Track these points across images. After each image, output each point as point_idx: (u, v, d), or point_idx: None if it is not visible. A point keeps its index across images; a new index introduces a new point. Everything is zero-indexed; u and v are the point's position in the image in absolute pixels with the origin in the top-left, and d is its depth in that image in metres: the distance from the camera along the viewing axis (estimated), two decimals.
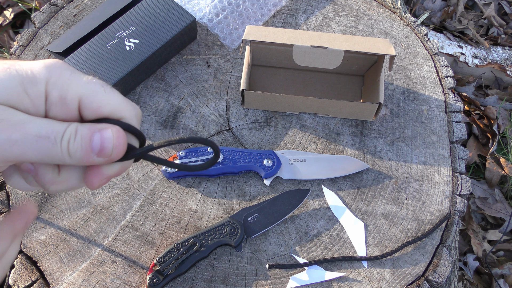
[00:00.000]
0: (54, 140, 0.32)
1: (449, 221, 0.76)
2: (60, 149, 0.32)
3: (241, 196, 0.75)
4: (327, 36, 0.78)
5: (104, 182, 0.36)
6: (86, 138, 0.33)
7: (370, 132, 0.82)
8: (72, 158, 0.33)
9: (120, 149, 0.34)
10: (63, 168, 0.35)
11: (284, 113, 0.83)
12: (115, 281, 0.68)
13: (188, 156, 0.75)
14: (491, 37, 1.66)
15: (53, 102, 0.33)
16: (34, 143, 0.31)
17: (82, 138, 0.33)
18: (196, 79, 0.85)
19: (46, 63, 0.33)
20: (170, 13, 0.83)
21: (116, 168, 0.36)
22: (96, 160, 0.34)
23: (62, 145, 0.32)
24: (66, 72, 0.33)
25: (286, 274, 0.70)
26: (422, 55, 0.91)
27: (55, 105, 0.33)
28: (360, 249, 0.72)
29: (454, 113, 0.85)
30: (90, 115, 0.34)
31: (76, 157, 0.33)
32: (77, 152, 0.33)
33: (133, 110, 0.36)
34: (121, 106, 0.35)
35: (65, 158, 0.33)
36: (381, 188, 0.77)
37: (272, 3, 0.93)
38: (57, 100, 0.33)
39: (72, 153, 0.33)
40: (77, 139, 0.33)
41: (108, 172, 0.35)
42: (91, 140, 0.33)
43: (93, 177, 0.35)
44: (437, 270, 0.71)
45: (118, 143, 0.33)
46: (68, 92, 0.33)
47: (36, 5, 1.51)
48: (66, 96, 0.33)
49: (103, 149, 0.33)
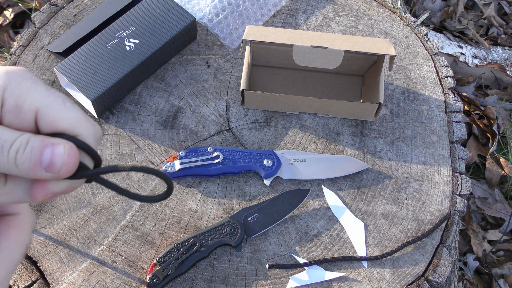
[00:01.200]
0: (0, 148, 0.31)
1: (449, 221, 0.76)
2: (7, 158, 0.32)
3: (241, 196, 0.75)
4: (327, 36, 0.78)
5: (48, 197, 0.34)
6: (36, 150, 0.32)
7: (370, 132, 0.82)
8: (18, 169, 0.32)
9: (69, 167, 0.33)
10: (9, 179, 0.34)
11: (284, 113, 0.83)
12: (115, 281, 0.68)
13: (188, 156, 0.75)
14: (491, 37, 1.66)
15: (8, 110, 0.32)
16: None
17: (32, 150, 0.32)
18: (196, 79, 0.85)
19: (8, 69, 0.32)
20: (170, 13, 0.83)
21: (64, 185, 0.34)
22: (43, 174, 0.33)
23: (9, 154, 0.31)
24: (27, 82, 0.33)
25: (286, 274, 0.70)
26: (422, 55, 0.91)
27: (10, 113, 0.32)
28: (360, 249, 0.72)
29: (454, 113, 0.85)
30: (46, 128, 0.33)
31: (23, 169, 0.32)
32: (24, 163, 0.32)
33: (92, 128, 0.35)
34: (79, 123, 0.34)
35: (11, 168, 0.32)
36: (381, 188, 0.77)
37: (272, 3, 0.93)
38: (12, 108, 0.32)
39: (19, 164, 0.32)
40: (26, 150, 0.32)
41: (54, 188, 0.34)
42: (41, 154, 0.32)
43: (38, 191, 0.34)
44: (437, 270, 0.71)
45: (68, 161, 0.32)
46: (26, 101, 0.32)
47: (36, 5, 1.51)
48: (23, 105, 0.32)
49: (52, 165, 0.32)
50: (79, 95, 0.79)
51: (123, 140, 0.79)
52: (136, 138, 0.79)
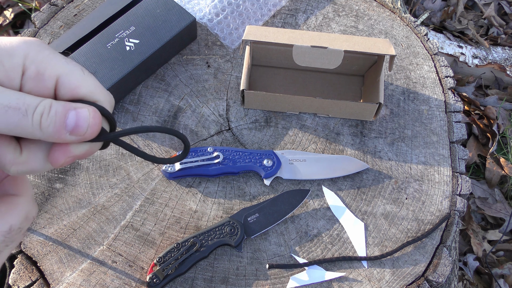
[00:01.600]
0: (25, 111, 0.32)
1: (449, 221, 0.76)
2: (31, 122, 0.32)
3: (241, 196, 0.75)
4: (327, 36, 0.78)
5: (69, 161, 0.35)
6: (60, 114, 0.33)
7: (370, 132, 0.82)
8: (43, 133, 0.33)
9: (95, 129, 0.34)
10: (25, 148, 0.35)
11: (284, 113, 0.83)
12: (115, 281, 0.68)
13: (188, 156, 0.75)
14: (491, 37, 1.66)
15: (30, 77, 0.33)
16: (3, 113, 0.31)
17: (57, 114, 0.33)
18: (196, 79, 0.85)
19: (25, 39, 0.33)
20: (170, 13, 0.83)
21: (84, 148, 0.35)
22: (67, 138, 0.33)
23: (34, 118, 0.32)
24: (45, 50, 0.33)
25: (286, 274, 0.70)
26: (422, 55, 0.91)
27: (31, 80, 0.33)
28: (360, 249, 0.72)
29: (454, 113, 0.85)
30: (66, 95, 0.34)
31: (47, 132, 0.33)
32: (49, 127, 0.33)
33: (108, 96, 0.36)
34: (97, 90, 0.35)
35: (35, 132, 0.33)
36: (381, 188, 0.77)
37: (272, 3, 0.93)
38: (34, 75, 0.33)
39: (44, 127, 0.32)
40: (51, 114, 0.33)
41: (76, 151, 0.35)
42: (66, 117, 0.33)
43: (59, 155, 0.34)
44: (437, 270, 0.71)
45: (93, 123, 0.33)
46: (47, 69, 0.33)
47: (36, 5, 1.51)
48: (44, 73, 0.33)
49: (77, 127, 0.33)
50: None
51: (123, 140, 0.79)
52: (136, 138, 0.79)
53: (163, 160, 0.39)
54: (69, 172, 0.76)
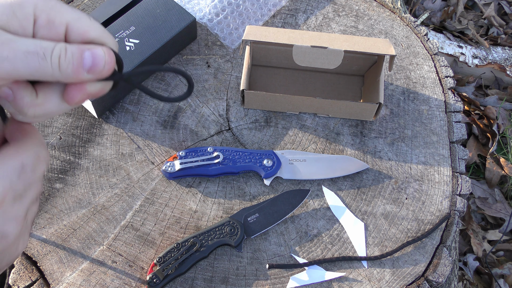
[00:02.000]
0: (43, 55, 0.34)
1: (449, 221, 0.76)
2: (50, 64, 0.34)
3: (241, 196, 0.75)
4: (327, 36, 0.78)
5: (84, 98, 0.37)
6: (77, 54, 0.35)
7: (370, 132, 0.82)
8: (62, 74, 0.35)
9: (111, 65, 0.36)
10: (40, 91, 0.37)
11: (284, 113, 0.83)
12: (115, 281, 0.68)
13: (188, 156, 0.75)
14: (491, 37, 1.66)
15: (41, 25, 0.35)
16: (24, 58, 0.33)
17: (73, 55, 0.35)
18: (196, 79, 0.85)
19: None
20: (170, 13, 0.83)
21: (98, 87, 0.38)
22: (85, 76, 0.36)
23: (52, 60, 0.34)
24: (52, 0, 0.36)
25: (286, 274, 0.70)
26: (422, 55, 0.91)
27: (43, 28, 0.35)
28: (360, 249, 0.72)
29: (454, 113, 0.85)
30: (76, 39, 0.37)
31: (66, 73, 0.35)
32: (68, 67, 0.35)
33: (113, 39, 0.39)
34: (104, 34, 0.38)
35: (55, 74, 0.35)
36: (381, 188, 0.77)
37: (272, 3, 0.93)
38: (45, 23, 0.35)
39: (63, 68, 0.35)
40: (68, 55, 0.35)
41: (91, 89, 0.37)
42: (82, 57, 0.35)
43: (75, 93, 0.37)
44: (437, 270, 0.71)
45: (109, 61, 0.36)
46: (57, 16, 0.36)
47: None
48: (55, 20, 0.36)
49: (95, 65, 0.35)
50: None
51: (123, 140, 0.79)
52: (136, 138, 0.79)
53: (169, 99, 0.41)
54: (69, 172, 0.76)
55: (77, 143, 0.78)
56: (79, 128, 0.79)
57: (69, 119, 0.80)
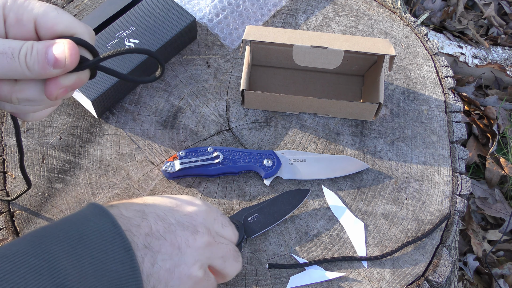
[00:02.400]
0: (11, 55, 0.36)
1: (449, 221, 0.76)
2: (19, 63, 0.36)
3: (241, 196, 0.75)
4: (327, 36, 0.78)
5: (62, 92, 0.39)
6: (41, 51, 0.37)
7: (370, 132, 0.82)
8: (31, 72, 0.37)
9: (73, 58, 0.37)
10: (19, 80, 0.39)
11: (284, 113, 0.83)
12: None
13: (188, 156, 0.75)
14: (491, 37, 1.66)
15: (11, 25, 0.37)
16: None
17: (38, 52, 0.37)
18: (196, 79, 0.85)
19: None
20: (170, 13, 0.83)
21: (72, 78, 0.39)
22: (53, 71, 0.37)
23: (20, 59, 0.36)
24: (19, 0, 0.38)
25: (286, 274, 0.70)
26: (422, 55, 0.91)
27: (13, 27, 0.37)
28: (360, 249, 0.72)
29: (454, 113, 0.85)
30: (46, 34, 0.38)
31: (34, 70, 0.37)
32: (34, 65, 0.37)
33: (85, 28, 0.40)
34: (73, 24, 0.39)
35: (25, 72, 0.37)
36: (381, 188, 0.77)
37: (272, 3, 0.93)
38: (14, 22, 0.37)
39: (30, 66, 0.37)
40: (33, 53, 0.37)
41: (65, 82, 0.39)
42: (46, 54, 0.37)
43: (51, 87, 0.38)
44: (437, 270, 0.71)
45: (70, 53, 0.37)
46: (24, 14, 0.37)
47: None
48: (22, 18, 0.37)
49: (57, 60, 0.37)
50: (79, 95, 0.79)
51: (123, 140, 0.79)
52: (136, 138, 0.79)
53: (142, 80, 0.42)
54: (69, 172, 0.76)
55: (77, 143, 0.78)
56: (79, 128, 0.79)
57: (69, 119, 0.80)
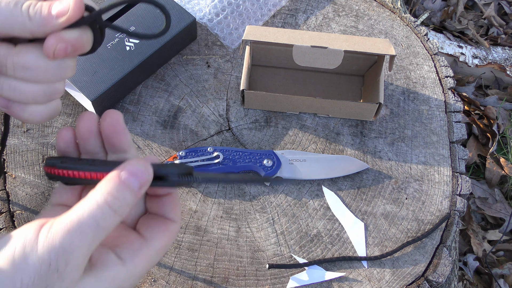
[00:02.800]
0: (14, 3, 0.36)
1: (449, 221, 0.76)
2: (21, 12, 0.36)
3: (241, 196, 0.75)
4: (327, 36, 0.78)
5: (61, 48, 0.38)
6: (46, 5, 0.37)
7: (370, 132, 0.82)
8: (32, 22, 0.37)
9: (76, 6, 0.37)
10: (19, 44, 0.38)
11: (284, 113, 0.83)
12: None
13: (188, 156, 0.75)
14: (491, 37, 1.66)
15: None
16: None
17: (42, 5, 0.37)
18: (196, 79, 0.85)
19: None
20: (170, 13, 0.83)
21: (73, 34, 0.38)
22: (55, 22, 0.37)
23: (23, 9, 0.36)
24: None
25: (286, 274, 0.70)
26: (422, 55, 0.91)
27: None
28: (360, 249, 0.72)
29: (454, 113, 0.85)
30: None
31: (36, 20, 0.37)
32: (36, 15, 0.37)
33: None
34: None
35: (26, 22, 0.37)
36: (381, 188, 0.77)
37: (272, 3, 0.93)
38: None
39: (32, 16, 0.37)
40: (37, 6, 0.37)
41: (66, 35, 0.38)
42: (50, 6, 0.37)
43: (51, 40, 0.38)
44: (437, 270, 0.71)
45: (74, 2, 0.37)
46: None
47: None
48: None
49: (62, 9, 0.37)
50: (79, 95, 0.79)
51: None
52: (136, 138, 0.79)
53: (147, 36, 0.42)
54: None
55: None
56: None
57: (69, 119, 0.80)
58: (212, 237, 0.72)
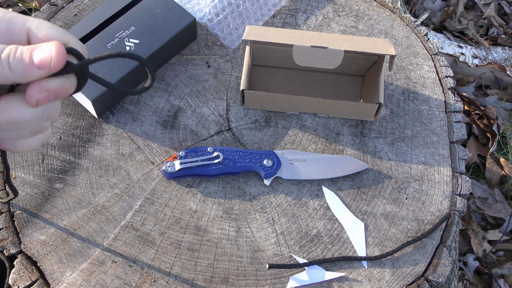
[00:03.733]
0: None
1: (449, 221, 0.76)
2: (1, 64, 0.36)
3: (241, 196, 0.75)
4: (327, 36, 0.78)
5: (44, 97, 0.38)
6: (26, 52, 0.36)
7: (370, 132, 0.82)
8: (13, 73, 0.36)
9: (59, 58, 0.36)
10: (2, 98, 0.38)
11: (284, 113, 0.83)
12: (115, 281, 0.68)
13: (188, 156, 0.75)
14: (491, 37, 1.66)
15: (1, 34, 0.37)
16: None
17: (23, 53, 0.36)
18: (196, 79, 0.85)
19: None
20: (170, 13, 0.83)
21: (57, 82, 0.38)
22: (37, 73, 0.36)
23: (2, 59, 0.36)
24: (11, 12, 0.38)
25: (286, 274, 0.70)
26: (422, 55, 0.91)
27: (3, 36, 0.37)
28: (360, 249, 0.72)
29: (454, 113, 0.85)
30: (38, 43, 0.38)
31: (17, 71, 0.36)
32: (17, 65, 0.36)
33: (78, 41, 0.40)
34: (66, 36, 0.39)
35: (6, 73, 0.36)
36: (381, 188, 0.77)
37: (272, 3, 0.93)
38: (5, 31, 0.37)
39: (12, 66, 0.36)
40: (17, 54, 0.36)
41: (48, 84, 0.37)
42: (31, 54, 0.36)
43: (34, 90, 0.37)
44: (437, 270, 0.71)
45: (56, 52, 0.36)
46: (16, 24, 0.38)
47: (36, 5, 1.51)
48: (14, 28, 0.37)
49: (42, 60, 0.36)
50: (79, 95, 0.79)
51: (123, 140, 0.79)
52: (136, 138, 0.79)
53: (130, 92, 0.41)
54: (69, 172, 0.76)
55: (77, 143, 0.78)
56: (79, 128, 0.79)
57: (69, 119, 0.80)
58: (212, 237, 0.72)
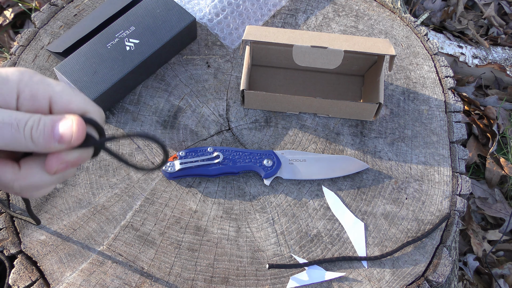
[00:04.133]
0: (16, 126, 0.36)
1: (449, 221, 0.76)
2: (23, 135, 0.36)
3: (241, 196, 0.75)
4: (327, 36, 0.78)
5: (62, 167, 0.39)
6: (48, 125, 0.37)
7: (370, 132, 0.82)
8: (35, 144, 0.37)
9: (79, 135, 0.37)
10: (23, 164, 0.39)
11: (284, 113, 0.83)
12: (115, 281, 0.68)
13: (188, 156, 0.75)
14: (491, 37, 1.66)
15: (25, 99, 0.38)
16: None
17: (45, 126, 0.37)
18: (196, 79, 0.85)
19: (19, 69, 0.38)
20: (170, 13, 0.83)
21: (75, 155, 0.39)
22: (57, 146, 0.37)
23: (25, 131, 0.36)
24: (37, 76, 0.38)
25: (286, 274, 0.70)
26: (422, 55, 0.91)
27: (27, 101, 0.38)
28: (360, 249, 0.72)
29: (454, 113, 0.85)
30: (59, 112, 0.39)
31: (38, 143, 0.37)
32: (39, 138, 0.37)
33: (98, 109, 0.41)
34: (87, 104, 0.40)
35: (28, 144, 0.37)
36: (381, 188, 0.77)
37: (272, 3, 0.93)
38: (29, 97, 0.38)
39: (35, 139, 0.37)
40: (40, 127, 0.37)
41: (67, 157, 0.39)
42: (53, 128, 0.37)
43: (53, 161, 0.38)
44: (437, 270, 0.71)
45: (77, 129, 0.37)
46: (39, 90, 0.38)
47: (36, 5, 1.51)
48: (37, 94, 0.38)
49: (64, 135, 0.37)
50: None
51: (123, 140, 0.79)
52: (136, 138, 0.79)
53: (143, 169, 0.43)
54: None
55: None
56: None
57: None
58: (212, 237, 0.72)
